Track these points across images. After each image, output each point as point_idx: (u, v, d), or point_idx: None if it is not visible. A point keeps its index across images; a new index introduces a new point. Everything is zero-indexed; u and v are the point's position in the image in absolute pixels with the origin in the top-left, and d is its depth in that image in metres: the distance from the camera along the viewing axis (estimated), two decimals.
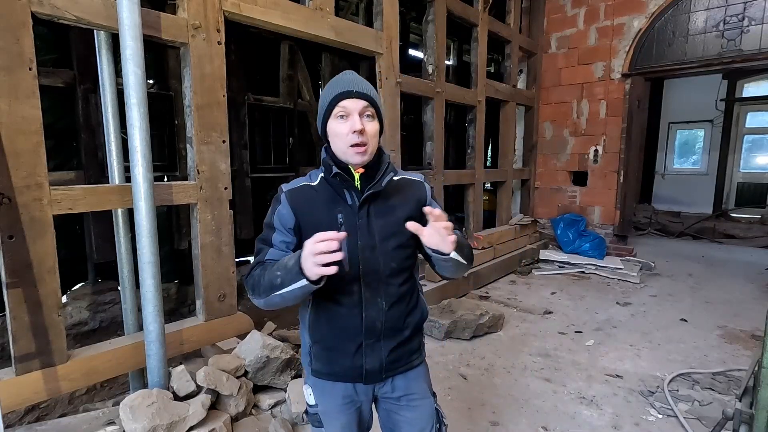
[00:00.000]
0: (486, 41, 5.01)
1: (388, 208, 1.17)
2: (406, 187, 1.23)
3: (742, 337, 3.39)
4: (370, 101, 1.11)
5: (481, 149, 5.12)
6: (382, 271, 1.14)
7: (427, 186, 1.26)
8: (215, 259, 2.57)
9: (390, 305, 1.16)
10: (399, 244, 1.16)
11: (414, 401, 1.25)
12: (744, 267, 5.54)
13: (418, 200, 1.21)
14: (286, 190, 1.19)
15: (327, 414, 1.24)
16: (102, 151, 3.36)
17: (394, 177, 1.20)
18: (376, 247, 1.14)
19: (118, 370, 2.23)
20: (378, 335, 1.16)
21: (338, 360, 1.18)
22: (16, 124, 1.80)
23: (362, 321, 1.15)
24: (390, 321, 1.17)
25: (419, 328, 1.27)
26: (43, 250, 1.92)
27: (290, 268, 1.00)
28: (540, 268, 5.45)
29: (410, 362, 1.24)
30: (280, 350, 2.36)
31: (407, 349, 1.22)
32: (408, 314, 1.21)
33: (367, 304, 1.14)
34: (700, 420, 2.31)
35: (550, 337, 3.43)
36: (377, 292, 1.15)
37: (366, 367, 1.17)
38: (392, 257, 1.16)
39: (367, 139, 1.10)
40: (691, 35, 5.03)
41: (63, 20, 1.94)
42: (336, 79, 1.15)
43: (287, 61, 5.12)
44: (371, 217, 1.14)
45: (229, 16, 2.53)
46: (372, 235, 1.14)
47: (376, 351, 1.17)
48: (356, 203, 1.14)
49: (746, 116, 8.33)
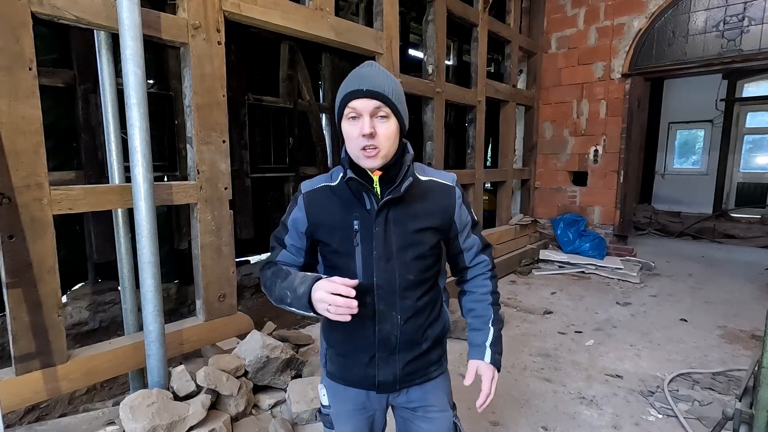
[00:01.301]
0: (486, 41, 5.01)
1: (409, 215, 1.08)
2: (432, 192, 1.13)
3: (742, 337, 3.39)
4: (383, 99, 0.99)
5: (481, 149, 5.12)
6: (398, 283, 1.08)
7: (458, 190, 1.16)
8: (215, 259, 2.57)
9: (406, 319, 1.10)
10: (418, 255, 1.09)
11: (431, 413, 1.20)
12: (744, 267, 5.54)
13: (444, 208, 1.13)
14: (304, 191, 1.14)
15: (339, 417, 1.21)
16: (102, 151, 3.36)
17: (421, 178, 1.12)
18: (393, 257, 1.07)
19: (118, 370, 2.23)
20: (393, 349, 1.10)
21: (351, 368, 1.15)
22: (16, 124, 1.80)
23: (375, 334, 1.09)
24: (407, 335, 1.10)
25: (440, 340, 1.20)
26: (43, 250, 1.92)
27: (299, 297, 1.00)
28: (540, 268, 5.45)
29: (428, 374, 1.18)
30: (280, 350, 2.36)
31: (425, 361, 1.16)
32: (428, 327, 1.14)
33: (381, 317, 1.08)
34: (700, 420, 2.30)
35: (550, 337, 3.43)
36: (392, 306, 1.08)
37: (379, 378, 1.12)
38: (409, 269, 1.08)
39: (379, 142, 1.00)
40: (691, 35, 5.03)
41: (63, 20, 1.94)
42: (352, 73, 1.06)
43: (287, 61, 5.11)
44: (389, 224, 1.07)
45: (229, 16, 2.53)
46: (389, 244, 1.06)
47: (390, 364, 1.11)
48: (374, 208, 1.06)
49: (746, 116, 8.33)
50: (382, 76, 1.02)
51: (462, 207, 1.16)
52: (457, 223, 1.16)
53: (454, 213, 1.15)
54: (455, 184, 1.17)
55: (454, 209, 1.14)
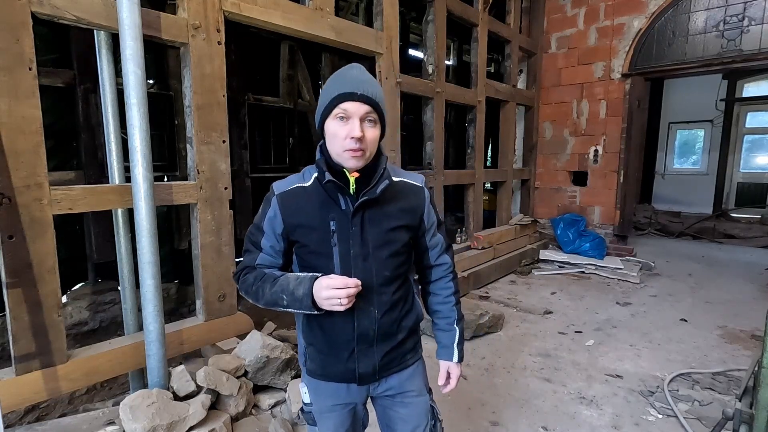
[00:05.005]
0: (486, 41, 5.01)
1: (383, 215, 1.13)
2: (403, 194, 1.18)
3: (742, 337, 3.39)
4: (374, 106, 1.05)
5: (481, 149, 5.12)
6: (375, 280, 1.13)
7: (426, 192, 1.24)
8: (215, 259, 2.57)
9: (383, 314, 1.15)
10: (392, 252, 1.15)
11: (408, 398, 1.26)
12: (744, 267, 5.54)
13: (415, 208, 1.19)
14: (277, 193, 1.15)
15: (320, 413, 1.25)
16: (102, 151, 3.36)
17: (394, 179, 1.17)
18: (369, 255, 1.12)
19: (118, 370, 2.23)
20: (371, 342, 1.16)
21: (332, 363, 1.19)
22: (16, 124, 1.80)
23: (354, 329, 1.14)
24: (383, 327, 1.16)
25: (415, 330, 1.27)
26: (43, 250, 1.92)
27: (299, 298, 1.04)
28: (540, 268, 5.45)
29: (404, 362, 1.24)
30: (280, 350, 2.36)
31: (401, 351, 1.22)
32: (402, 319, 1.20)
33: (360, 313, 1.13)
34: (700, 420, 2.30)
35: (550, 337, 3.43)
36: (369, 302, 1.13)
37: (359, 371, 1.17)
38: (385, 266, 1.14)
39: (366, 146, 1.05)
40: (691, 35, 5.03)
41: (63, 20, 1.94)
42: (341, 72, 1.09)
43: (287, 61, 5.12)
44: (365, 224, 1.11)
45: (229, 16, 2.53)
46: (365, 243, 1.11)
47: (369, 356, 1.17)
48: (350, 209, 1.10)
49: (746, 116, 8.33)
50: (373, 83, 1.07)
51: (430, 207, 1.24)
52: (425, 221, 1.23)
53: (424, 212, 1.22)
54: (423, 185, 1.24)
55: (423, 209, 1.22)
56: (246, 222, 4.72)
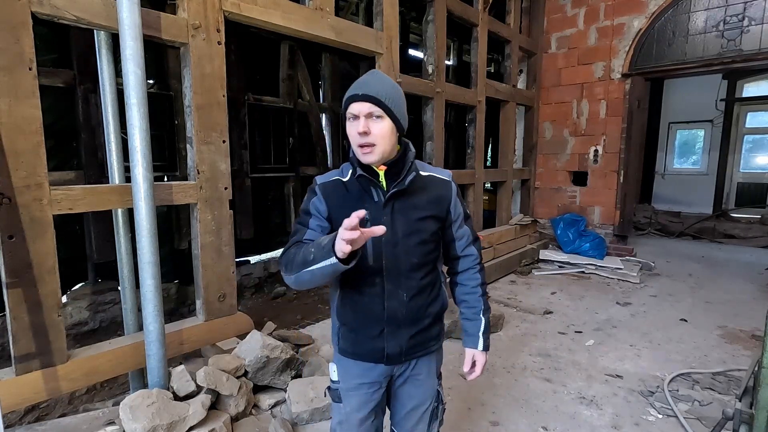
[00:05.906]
0: (486, 41, 5.01)
1: (412, 205, 1.23)
2: (432, 185, 1.28)
3: (742, 337, 3.39)
4: (375, 102, 1.13)
5: (481, 149, 5.12)
6: (404, 265, 1.22)
7: (454, 186, 1.33)
8: (215, 259, 2.57)
9: (411, 297, 1.24)
10: (421, 240, 1.23)
11: (419, 378, 1.34)
12: (744, 267, 5.54)
13: (442, 199, 1.28)
14: (319, 183, 1.26)
15: (347, 391, 1.32)
16: (102, 151, 3.36)
17: (422, 173, 1.26)
18: (399, 243, 1.21)
19: (118, 370, 2.23)
20: (399, 323, 1.24)
21: (362, 342, 1.27)
22: (16, 124, 1.81)
23: (384, 310, 1.22)
24: (411, 311, 1.24)
25: (440, 317, 1.35)
26: (43, 250, 1.92)
27: (323, 246, 1.07)
28: (540, 268, 5.45)
29: (428, 348, 1.32)
30: (280, 350, 2.36)
31: (427, 335, 1.30)
32: (429, 305, 1.28)
33: (389, 295, 1.22)
34: (700, 420, 2.31)
35: (550, 337, 3.43)
36: (398, 285, 1.22)
37: (387, 351, 1.25)
38: (414, 253, 1.22)
39: (374, 140, 1.14)
40: (691, 35, 5.03)
41: (63, 20, 1.94)
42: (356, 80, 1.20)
43: (287, 61, 5.11)
44: (395, 214, 1.21)
45: (229, 16, 2.53)
46: (395, 231, 1.20)
47: (397, 337, 1.24)
48: (382, 200, 1.20)
49: (746, 116, 8.32)
50: (379, 82, 1.16)
51: (457, 199, 1.33)
52: (452, 212, 1.32)
53: (450, 203, 1.31)
54: (451, 179, 1.34)
55: (450, 200, 1.31)
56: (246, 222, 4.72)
